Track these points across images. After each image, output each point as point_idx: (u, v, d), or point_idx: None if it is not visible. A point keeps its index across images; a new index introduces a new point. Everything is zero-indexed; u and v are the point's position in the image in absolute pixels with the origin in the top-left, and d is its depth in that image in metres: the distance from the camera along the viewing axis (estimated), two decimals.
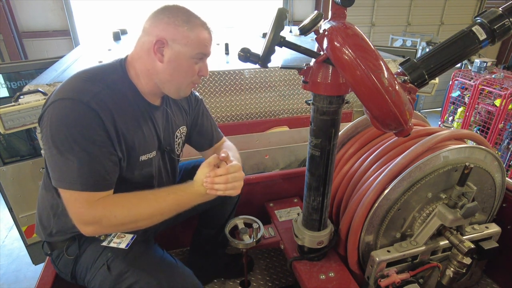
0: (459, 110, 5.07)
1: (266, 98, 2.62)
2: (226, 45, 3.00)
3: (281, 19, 0.98)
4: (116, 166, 1.15)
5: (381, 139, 1.55)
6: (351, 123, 1.66)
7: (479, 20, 1.20)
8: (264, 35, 2.84)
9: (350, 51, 0.91)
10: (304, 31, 0.98)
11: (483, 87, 4.57)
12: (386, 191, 1.28)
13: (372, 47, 0.93)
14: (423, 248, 1.36)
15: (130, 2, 5.56)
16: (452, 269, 1.32)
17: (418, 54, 4.99)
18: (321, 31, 0.99)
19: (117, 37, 3.51)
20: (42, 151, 2.18)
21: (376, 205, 1.29)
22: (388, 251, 1.33)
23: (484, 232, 1.46)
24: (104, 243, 1.22)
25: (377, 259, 1.31)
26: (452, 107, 5.29)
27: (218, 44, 3.36)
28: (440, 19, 8.18)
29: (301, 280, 1.40)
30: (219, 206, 1.66)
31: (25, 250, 2.85)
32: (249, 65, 1.12)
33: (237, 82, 2.49)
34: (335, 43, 0.93)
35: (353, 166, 1.55)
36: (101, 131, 1.08)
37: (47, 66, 2.81)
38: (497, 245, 1.44)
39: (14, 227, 3.24)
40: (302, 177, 1.39)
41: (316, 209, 1.35)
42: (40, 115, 1.11)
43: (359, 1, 7.05)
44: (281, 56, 2.77)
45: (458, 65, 4.76)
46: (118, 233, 1.27)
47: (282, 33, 0.99)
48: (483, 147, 1.38)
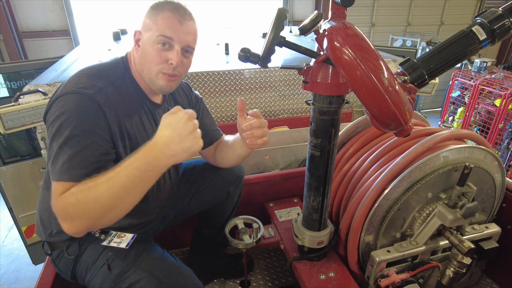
0: (459, 110, 5.07)
1: (266, 98, 2.62)
2: (226, 45, 3.00)
3: (281, 19, 0.98)
4: (111, 163, 1.08)
5: (381, 139, 1.55)
6: (351, 123, 1.66)
7: (479, 20, 1.20)
8: (264, 35, 2.84)
9: (350, 51, 0.91)
10: (304, 31, 0.98)
11: (483, 87, 4.57)
12: (386, 191, 1.28)
13: (372, 47, 0.93)
14: (423, 248, 1.36)
15: (130, 2, 5.56)
16: (452, 269, 1.32)
17: (418, 54, 5.00)
18: (321, 31, 0.99)
19: (117, 37, 3.51)
20: (42, 151, 2.18)
21: (376, 205, 1.29)
22: (388, 251, 1.33)
23: (484, 232, 1.46)
24: (105, 243, 1.22)
25: (377, 259, 1.31)
26: (452, 107, 5.29)
27: (218, 44, 3.36)
28: (440, 19, 8.19)
29: (301, 280, 1.39)
30: (219, 206, 1.66)
31: (25, 250, 2.85)
32: (249, 65, 1.12)
33: (237, 82, 2.49)
34: (335, 43, 0.93)
35: (353, 166, 1.55)
36: (104, 125, 1.07)
37: (47, 66, 2.81)
38: (497, 245, 1.44)
39: (14, 227, 3.24)
40: (302, 177, 1.39)
41: (316, 209, 1.35)
42: (46, 110, 1.11)
43: (359, 1, 7.05)
44: (281, 56, 2.77)
45: (458, 65, 4.77)
46: (118, 233, 1.27)
47: (282, 33, 0.99)
48: (483, 147, 1.38)
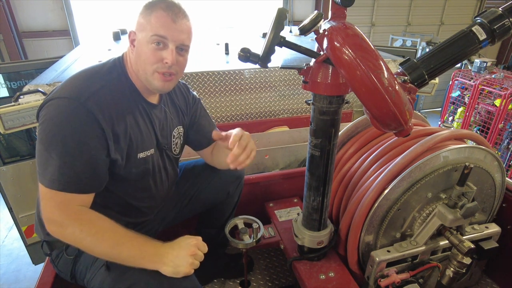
0: (459, 110, 5.07)
1: (266, 98, 2.62)
2: (226, 45, 3.00)
3: (281, 19, 0.98)
4: (103, 171, 1.14)
5: (381, 139, 1.55)
6: (351, 123, 1.66)
7: (479, 20, 1.20)
8: (264, 35, 2.84)
9: (350, 51, 0.91)
10: (304, 31, 0.98)
11: (483, 87, 4.57)
12: (386, 191, 1.28)
13: (372, 47, 0.93)
14: (423, 248, 1.36)
15: (130, 2, 5.55)
16: (452, 269, 1.32)
17: (418, 54, 4.99)
18: (321, 31, 0.99)
19: (117, 37, 3.51)
20: None
21: (376, 205, 1.29)
22: (388, 251, 1.34)
23: (484, 232, 1.46)
24: None
25: (377, 259, 1.31)
26: (452, 107, 5.29)
27: (218, 44, 3.36)
28: (440, 19, 8.19)
29: (301, 280, 1.39)
30: (219, 206, 1.66)
31: (25, 250, 2.85)
32: (249, 65, 1.12)
33: (237, 82, 2.49)
34: (335, 43, 0.93)
35: (353, 166, 1.55)
36: (93, 134, 1.08)
37: (47, 66, 2.81)
38: (497, 245, 1.44)
39: (14, 227, 3.24)
40: (302, 177, 1.39)
41: (316, 209, 1.35)
42: (37, 112, 1.12)
43: (359, 1, 7.05)
44: (281, 56, 2.77)
45: (458, 65, 4.77)
46: None
47: (282, 33, 0.99)
48: (483, 147, 1.38)
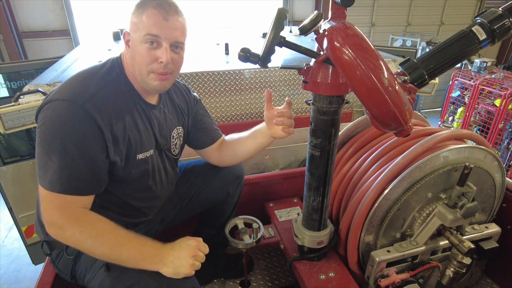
0: (459, 110, 5.06)
1: None
2: (226, 45, 3.00)
3: (281, 19, 0.98)
4: (103, 172, 1.14)
5: (381, 139, 1.55)
6: (351, 123, 1.66)
7: (479, 20, 1.20)
8: (264, 35, 2.84)
9: (350, 51, 0.90)
10: (304, 31, 0.98)
11: (483, 87, 4.57)
12: (386, 191, 1.28)
13: (372, 47, 0.93)
14: (423, 248, 1.36)
15: (130, 2, 5.54)
16: (452, 269, 1.32)
17: (418, 54, 4.99)
18: (321, 31, 0.99)
19: (117, 37, 3.51)
20: None
21: (376, 205, 1.29)
22: (388, 251, 1.33)
23: (484, 232, 1.46)
24: None
25: (377, 259, 1.31)
26: (452, 107, 5.29)
27: (218, 44, 3.36)
28: (440, 19, 8.19)
29: (301, 280, 1.39)
30: (219, 206, 1.66)
31: (25, 250, 2.85)
32: (249, 65, 1.12)
33: (237, 82, 2.49)
34: (335, 43, 0.93)
35: (353, 166, 1.55)
36: (93, 136, 1.08)
37: (47, 66, 2.81)
38: (497, 245, 1.44)
39: (14, 227, 3.23)
40: (302, 177, 1.39)
41: (316, 209, 1.35)
42: (36, 113, 1.12)
43: (359, 1, 7.05)
44: (281, 56, 2.77)
45: (458, 65, 4.77)
46: None
47: (282, 33, 0.99)
48: (483, 147, 1.37)
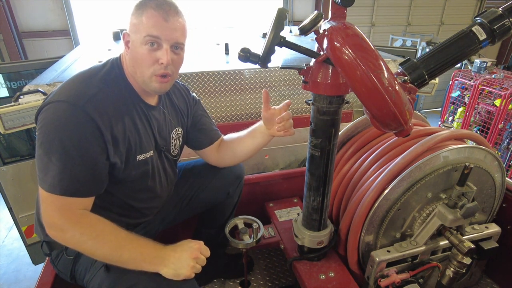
0: (459, 110, 5.06)
1: None
2: (226, 45, 3.00)
3: (281, 19, 0.98)
4: (103, 174, 1.14)
5: (381, 139, 1.55)
6: (351, 123, 1.66)
7: (479, 20, 1.20)
8: (264, 35, 2.83)
9: (350, 51, 0.90)
10: (304, 31, 0.98)
11: (483, 87, 4.57)
12: (386, 191, 1.28)
13: (372, 47, 0.93)
14: (423, 248, 1.36)
15: (130, 2, 5.55)
16: (452, 269, 1.32)
17: (418, 54, 4.99)
18: (321, 31, 0.99)
19: (117, 37, 3.51)
20: None
21: (376, 205, 1.29)
22: (388, 251, 1.33)
23: (484, 232, 1.46)
24: None
25: (377, 259, 1.31)
26: (452, 107, 5.29)
27: (218, 44, 3.36)
28: (440, 19, 8.19)
29: (301, 280, 1.39)
30: (219, 206, 1.66)
31: (25, 250, 2.85)
32: (249, 65, 1.12)
33: (237, 82, 2.49)
34: (335, 43, 0.93)
35: (353, 166, 1.55)
36: (93, 138, 1.07)
37: (47, 66, 2.81)
38: (497, 245, 1.44)
39: (14, 227, 3.24)
40: (302, 177, 1.38)
41: (316, 209, 1.35)
42: (36, 114, 1.12)
43: (359, 1, 7.05)
44: (281, 56, 2.77)
45: (458, 65, 4.77)
46: None
47: (282, 33, 0.99)
48: (483, 147, 1.37)
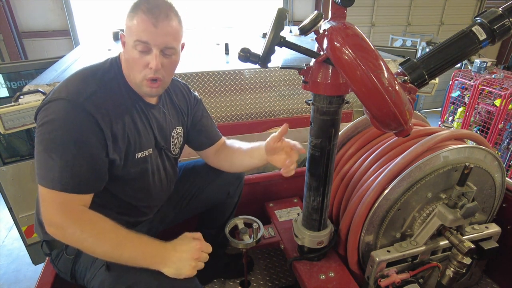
0: (459, 110, 5.07)
1: (266, 98, 2.62)
2: (226, 45, 3.00)
3: (281, 19, 0.98)
4: (103, 170, 1.14)
5: (381, 139, 1.55)
6: (351, 123, 1.66)
7: (479, 20, 1.20)
8: (264, 35, 2.83)
9: (350, 51, 0.91)
10: (304, 31, 0.98)
11: (483, 87, 4.57)
12: (386, 191, 1.28)
13: (372, 47, 0.93)
14: (423, 248, 1.36)
15: (130, 2, 5.55)
16: (452, 269, 1.32)
17: (418, 54, 4.99)
18: (321, 31, 0.99)
19: (117, 37, 3.51)
20: None
21: (376, 205, 1.29)
22: (388, 251, 1.33)
23: (484, 232, 1.46)
24: None
25: (377, 259, 1.31)
26: (452, 107, 5.29)
27: (218, 44, 3.36)
28: (440, 19, 8.19)
29: (301, 280, 1.39)
30: (219, 206, 1.66)
31: (25, 250, 2.85)
32: (249, 65, 1.12)
33: (237, 82, 2.49)
34: (335, 43, 0.93)
35: (353, 166, 1.55)
36: (93, 134, 1.08)
37: (47, 66, 2.81)
38: (497, 245, 1.44)
39: (14, 227, 3.24)
40: (302, 177, 1.38)
41: (316, 209, 1.35)
42: (36, 113, 1.12)
43: (359, 1, 7.05)
44: (281, 56, 2.77)
45: (458, 65, 4.77)
46: None
47: (282, 33, 0.99)
48: (483, 147, 1.37)
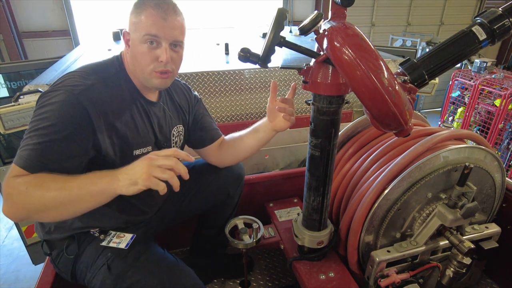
0: (459, 110, 5.07)
1: (266, 98, 2.62)
2: (226, 45, 3.01)
3: (281, 19, 0.98)
4: (76, 163, 1.07)
5: (381, 139, 1.55)
6: (351, 123, 1.66)
7: (479, 20, 1.20)
8: (264, 35, 2.84)
9: (350, 51, 0.90)
10: (304, 31, 0.98)
11: (483, 87, 4.57)
12: (386, 191, 1.28)
13: (372, 47, 0.93)
14: (423, 248, 1.36)
15: (130, 2, 5.55)
16: (452, 269, 1.32)
17: (418, 54, 5.00)
18: (321, 31, 0.99)
19: (117, 37, 3.51)
20: None
21: (376, 205, 1.29)
22: (388, 251, 1.33)
23: (484, 232, 1.46)
24: (104, 243, 1.22)
25: (377, 259, 1.31)
26: (452, 107, 5.29)
27: (218, 44, 3.36)
28: (440, 19, 8.19)
29: (301, 280, 1.39)
30: (220, 207, 1.66)
31: (25, 250, 2.84)
32: (249, 65, 1.12)
33: (237, 82, 2.49)
34: (335, 43, 0.93)
35: (353, 166, 1.55)
36: (79, 126, 1.05)
37: (47, 66, 2.82)
38: (497, 245, 1.45)
39: (14, 227, 3.24)
40: (302, 177, 1.39)
41: (316, 209, 1.35)
42: (36, 103, 1.12)
43: (359, 1, 7.05)
44: (281, 56, 2.77)
45: (458, 65, 4.77)
46: (118, 233, 1.27)
47: (282, 33, 0.99)
48: (483, 147, 1.37)
